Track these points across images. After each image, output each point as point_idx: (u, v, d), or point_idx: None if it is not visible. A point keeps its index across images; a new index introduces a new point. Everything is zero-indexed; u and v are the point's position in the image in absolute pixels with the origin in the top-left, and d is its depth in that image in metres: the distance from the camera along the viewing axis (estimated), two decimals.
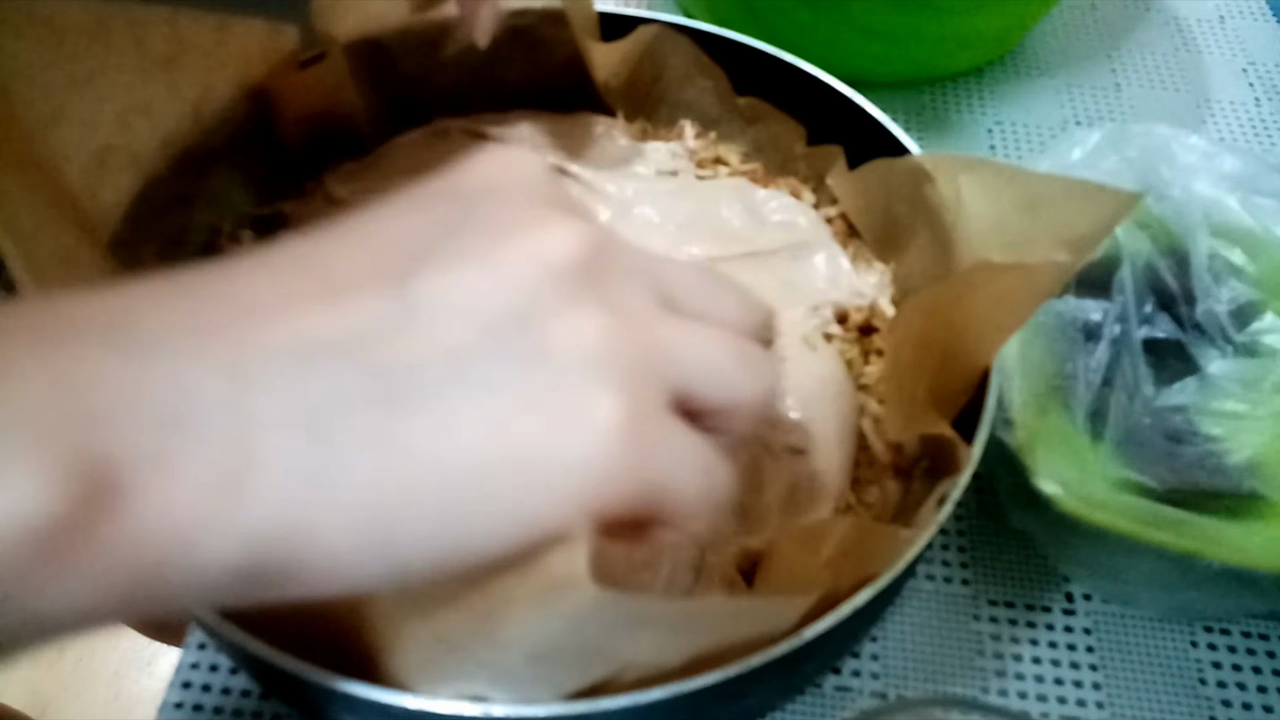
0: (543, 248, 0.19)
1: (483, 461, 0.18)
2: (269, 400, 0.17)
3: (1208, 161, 0.45)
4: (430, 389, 0.18)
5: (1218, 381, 0.40)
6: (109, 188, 0.38)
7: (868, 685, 0.37)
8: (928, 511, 0.32)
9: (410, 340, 0.18)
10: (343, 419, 0.17)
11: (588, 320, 0.19)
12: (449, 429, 0.18)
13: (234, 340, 0.17)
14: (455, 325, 0.18)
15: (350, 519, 0.17)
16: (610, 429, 0.19)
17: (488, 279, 0.19)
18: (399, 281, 0.19)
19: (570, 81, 0.47)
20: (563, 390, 0.19)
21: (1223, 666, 0.38)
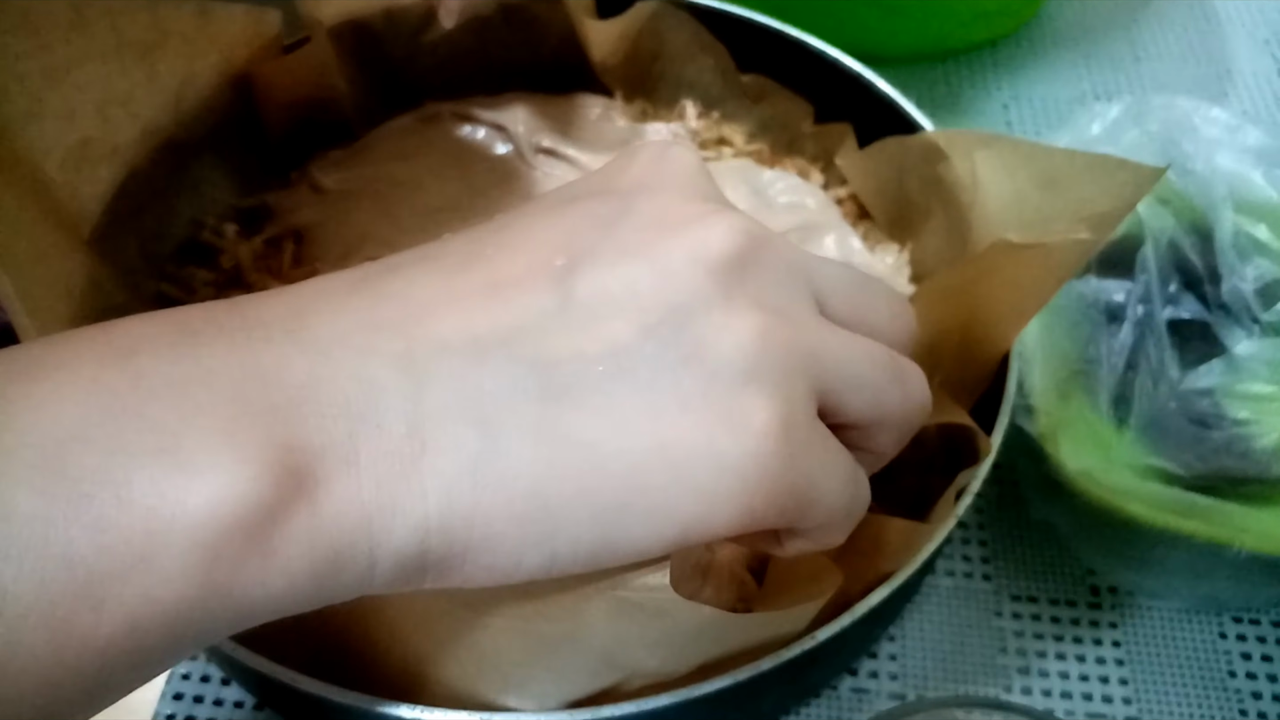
0: (700, 243, 0.20)
1: (640, 458, 0.18)
2: (441, 392, 0.18)
3: (1230, 135, 0.43)
4: (591, 384, 0.18)
5: (1245, 363, 0.38)
6: (89, 181, 0.37)
7: (885, 686, 0.36)
8: (945, 505, 0.30)
9: (572, 335, 0.18)
10: (509, 411, 0.18)
11: (743, 320, 0.19)
12: (610, 423, 0.18)
13: (406, 336, 0.18)
14: (616, 321, 0.19)
15: (514, 509, 0.18)
16: (763, 433, 0.19)
17: (647, 275, 0.19)
18: (560, 278, 0.19)
19: (565, 61, 0.46)
20: (718, 391, 0.19)
21: (1253, 658, 0.37)
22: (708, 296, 0.19)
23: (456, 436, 0.17)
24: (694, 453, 0.18)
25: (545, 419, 0.18)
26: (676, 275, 0.19)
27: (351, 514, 0.17)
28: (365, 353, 0.18)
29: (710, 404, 0.19)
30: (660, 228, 0.20)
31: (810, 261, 0.22)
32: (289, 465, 0.16)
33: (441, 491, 0.17)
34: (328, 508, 0.16)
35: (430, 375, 0.18)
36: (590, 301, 0.19)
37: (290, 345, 0.17)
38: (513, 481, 0.18)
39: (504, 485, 0.18)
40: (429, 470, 0.17)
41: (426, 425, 0.17)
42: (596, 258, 0.19)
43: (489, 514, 0.18)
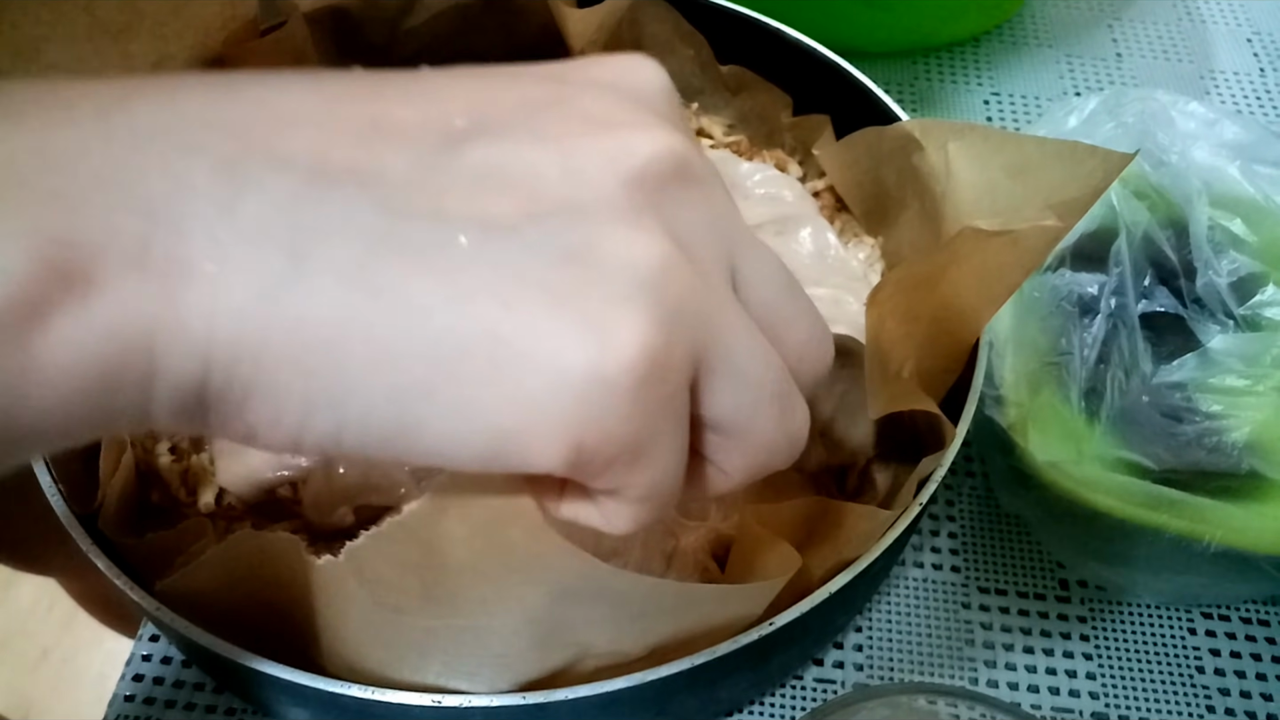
0: (626, 150, 0.17)
1: (464, 341, 0.16)
2: (260, 208, 0.15)
3: (1208, 129, 0.43)
4: (442, 246, 0.16)
5: (1218, 357, 0.38)
6: None
7: (851, 677, 0.36)
8: (907, 491, 0.30)
9: (443, 196, 0.16)
10: (332, 248, 0.15)
11: (648, 240, 0.17)
12: (444, 292, 0.16)
13: (243, 141, 0.16)
14: (500, 198, 0.16)
15: (305, 359, 0.16)
16: (630, 360, 0.16)
17: (554, 166, 0.17)
18: (453, 139, 0.17)
19: (544, 51, 0.46)
20: (594, 297, 0.16)
21: (1221, 654, 0.37)
22: (615, 206, 0.17)
23: (262, 260, 0.15)
24: (533, 356, 0.16)
25: (369, 266, 0.15)
26: (588, 176, 0.17)
27: (129, 324, 0.15)
28: (187, 150, 0.15)
29: (579, 308, 0.16)
30: (589, 124, 0.18)
31: (745, 235, 0.19)
32: (56, 259, 0.14)
33: (231, 316, 0.15)
34: (101, 313, 0.15)
35: (254, 186, 0.15)
36: (477, 172, 0.17)
37: (97, 129, 0.15)
38: (310, 326, 0.15)
39: (299, 328, 0.15)
40: (223, 289, 0.15)
41: (232, 240, 0.15)
42: (505, 132, 0.17)
43: (277, 355, 0.16)
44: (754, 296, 0.19)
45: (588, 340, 0.16)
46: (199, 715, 0.34)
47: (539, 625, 0.26)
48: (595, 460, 0.17)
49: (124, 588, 0.28)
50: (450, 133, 0.17)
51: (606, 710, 0.29)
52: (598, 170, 0.17)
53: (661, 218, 0.17)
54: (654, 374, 0.16)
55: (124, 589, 0.28)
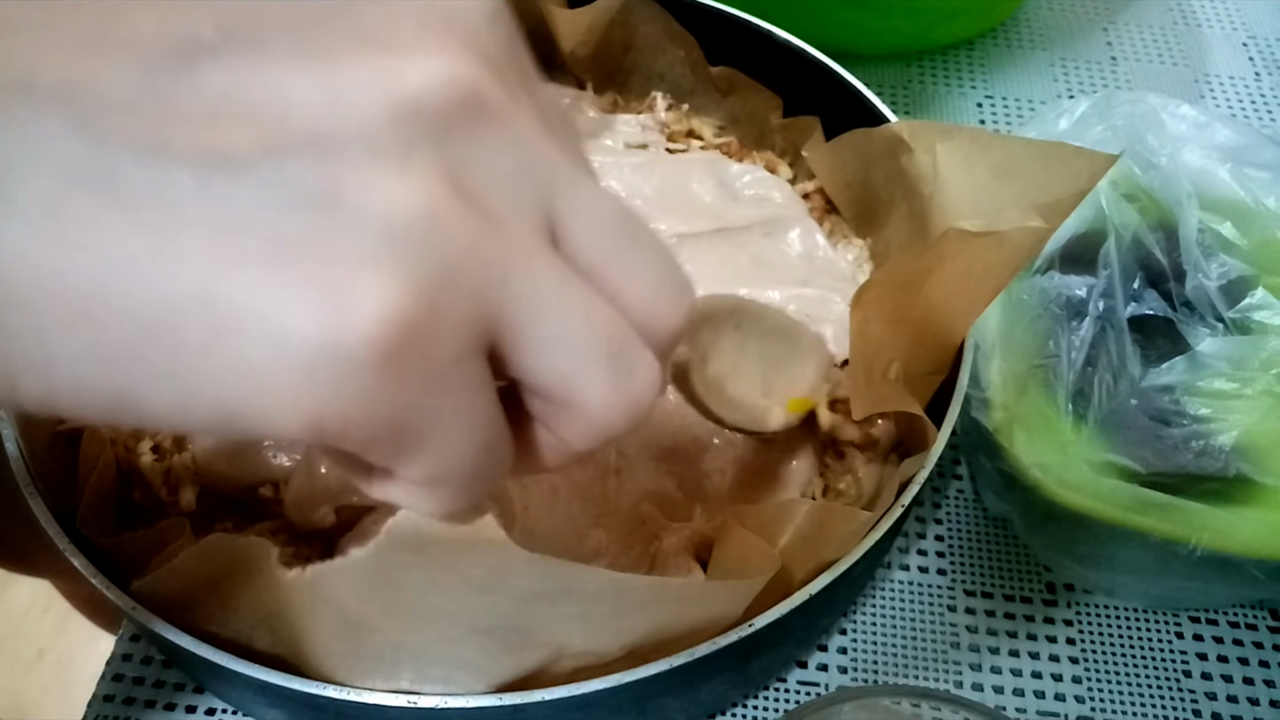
0: (399, 76, 0.15)
1: (172, 302, 0.13)
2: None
3: (1198, 131, 0.43)
4: (155, 187, 0.13)
5: (1207, 360, 0.38)
6: None
7: (836, 680, 0.35)
8: (889, 493, 0.30)
9: (165, 124, 0.14)
10: (23, 185, 0.13)
11: (414, 185, 0.14)
12: (153, 245, 0.13)
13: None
14: (237, 130, 0.14)
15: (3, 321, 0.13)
16: (367, 328, 0.14)
17: (309, 91, 0.14)
18: (192, 53, 0.14)
19: (536, 51, 0.45)
20: (331, 250, 0.14)
21: (1208, 658, 0.37)
22: (376, 143, 0.14)
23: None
24: (253, 319, 0.13)
25: (67, 210, 0.13)
26: (350, 106, 0.14)
27: None
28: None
29: (311, 263, 0.14)
30: (364, 43, 0.15)
31: (565, 177, 0.17)
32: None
33: None
34: None
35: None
36: (217, 95, 0.14)
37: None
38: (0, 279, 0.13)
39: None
40: None
41: None
42: (256, 46, 0.14)
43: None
44: (580, 244, 0.17)
45: (318, 306, 0.14)
46: (179, 715, 0.34)
47: (509, 631, 0.26)
48: (346, 441, 0.15)
49: (101, 587, 0.28)
50: (191, 44, 0.14)
51: (586, 711, 0.28)
52: (364, 99, 0.14)
53: (440, 159, 0.15)
54: (409, 345, 0.14)
55: (101, 588, 0.28)
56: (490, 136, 0.15)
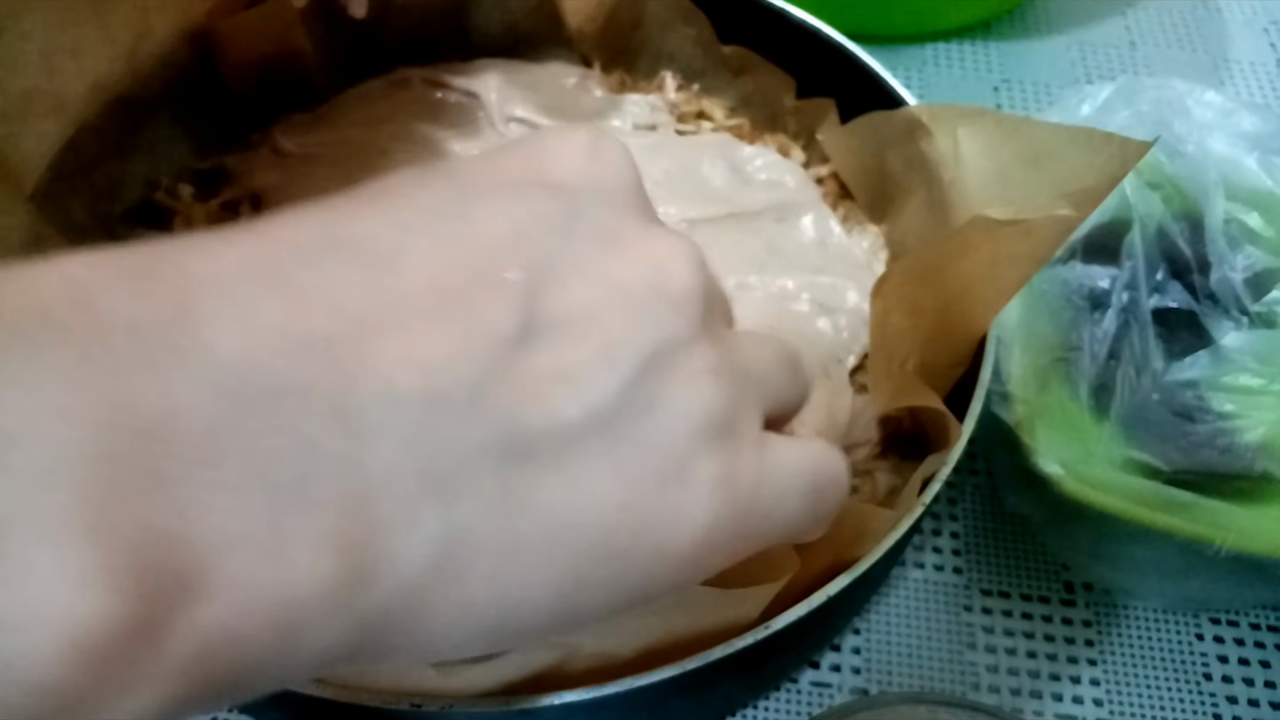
0: (662, 273, 0.17)
1: (608, 525, 0.16)
2: (390, 454, 0.14)
3: (1224, 119, 0.42)
4: (561, 442, 0.15)
5: (1232, 355, 0.37)
6: (32, 135, 0.35)
7: (849, 681, 0.35)
8: (910, 492, 0.29)
9: (539, 380, 0.15)
10: (470, 479, 0.14)
11: (702, 367, 0.17)
12: (579, 489, 0.15)
13: (339, 369, 0.14)
14: (586, 363, 0.16)
15: (470, 598, 0.15)
16: (717, 484, 0.17)
17: (611, 303, 0.16)
18: (519, 298, 0.15)
19: (541, 28, 0.44)
20: (676, 446, 0.16)
21: (1229, 660, 0.36)
22: (671, 336, 0.17)
23: (411, 515, 0.14)
24: (653, 513, 0.16)
25: (510, 488, 0.15)
26: (640, 306, 0.16)
27: (264, 618, 0.13)
28: (288, 394, 0.13)
29: (669, 459, 0.16)
30: (615, 244, 0.17)
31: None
32: (166, 564, 0.12)
33: (394, 583, 0.14)
34: (224, 613, 0.12)
35: (375, 430, 0.14)
36: (551, 328, 0.16)
37: (174, 374, 0.12)
38: (474, 568, 0.15)
39: (463, 574, 0.15)
40: (379, 556, 0.14)
41: (373, 500, 0.13)
42: (552, 273, 0.16)
43: (440, 608, 0.15)
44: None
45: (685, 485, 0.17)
46: None
47: None
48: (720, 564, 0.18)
49: None
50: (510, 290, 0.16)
51: (597, 714, 0.27)
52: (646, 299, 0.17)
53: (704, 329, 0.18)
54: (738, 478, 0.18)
55: None
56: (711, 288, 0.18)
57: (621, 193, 0.18)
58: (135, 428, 0.12)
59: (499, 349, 0.15)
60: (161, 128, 0.40)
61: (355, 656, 0.15)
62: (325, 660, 0.14)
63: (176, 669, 0.12)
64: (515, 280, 0.15)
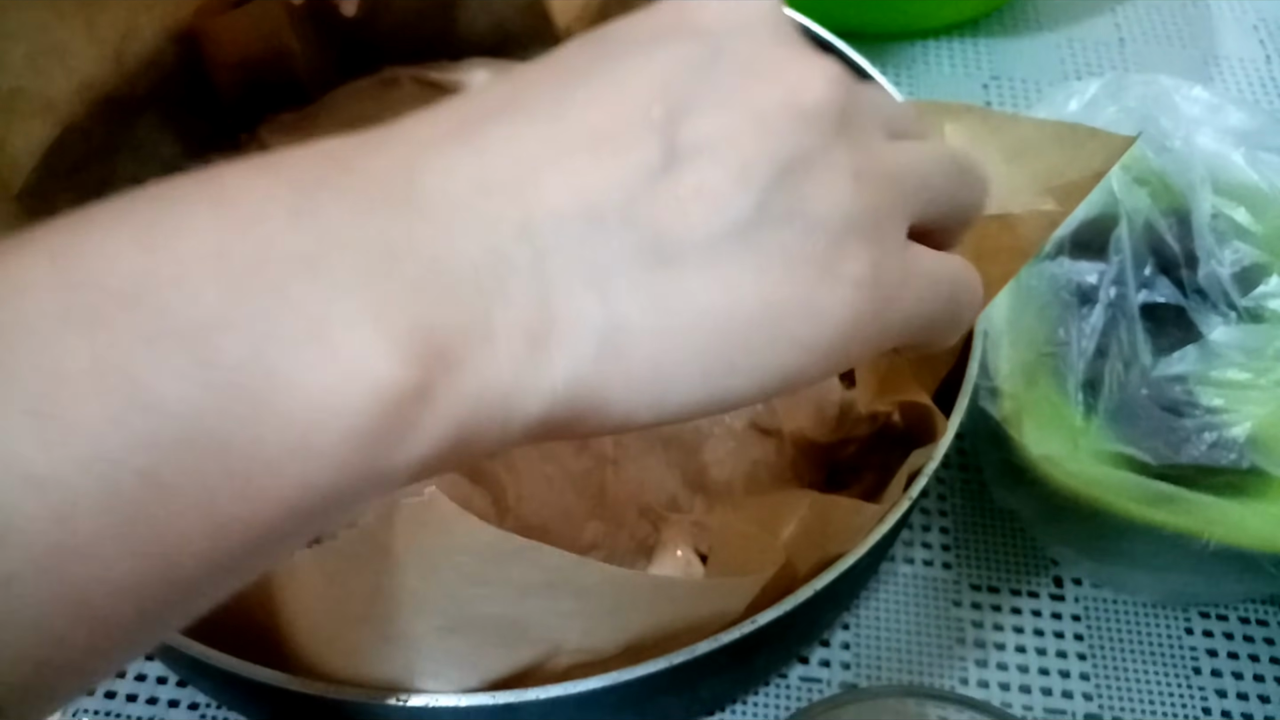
0: (794, 91, 0.19)
1: (747, 317, 0.18)
2: (563, 263, 0.17)
3: (1212, 115, 0.42)
4: (701, 246, 0.18)
5: (1220, 349, 0.37)
6: (19, 134, 0.35)
7: (838, 676, 0.35)
8: (896, 486, 0.29)
9: (680, 197, 0.18)
10: (626, 279, 0.18)
11: (838, 173, 0.19)
12: (719, 285, 0.18)
13: (522, 202, 0.18)
14: (719, 177, 0.18)
15: (633, 377, 0.18)
16: (857, 285, 0.19)
17: (745, 125, 0.19)
18: (660, 130, 0.18)
19: (530, 27, 0.44)
20: (816, 247, 0.19)
21: (1219, 654, 0.36)
22: (805, 149, 0.19)
23: (579, 309, 0.18)
24: (795, 308, 0.19)
25: (658, 285, 0.18)
26: (773, 125, 0.19)
27: (491, 390, 0.17)
28: (487, 222, 0.17)
29: (809, 260, 0.19)
30: (753, 73, 0.19)
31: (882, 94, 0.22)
32: (434, 346, 0.16)
33: (569, 366, 0.18)
34: (471, 385, 0.17)
35: (550, 245, 0.17)
36: (692, 154, 0.18)
37: (412, 212, 0.17)
38: (633, 350, 0.18)
39: (624, 354, 0.18)
40: (556, 345, 0.17)
41: (552, 299, 0.17)
42: (692, 106, 0.18)
43: (610, 382, 0.18)
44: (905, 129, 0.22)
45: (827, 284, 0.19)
46: (161, 709, 0.33)
47: (503, 625, 0.25)
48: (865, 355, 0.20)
49: None
50: (653, 124, 0.18)
51: (583, 710, 0.27)
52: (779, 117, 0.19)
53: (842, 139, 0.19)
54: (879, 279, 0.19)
55: None
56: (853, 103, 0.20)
57: (761, 25, 0.20)
58: (394, 251, 0.16)
59: (645, 175, 0.18)
60: (149, 127, 0.40)
61: (547, 431, 0.18)
62: (533, 428, 0.18)
63: (441, 425, 0.16)
64: (657, 116, 0.18)
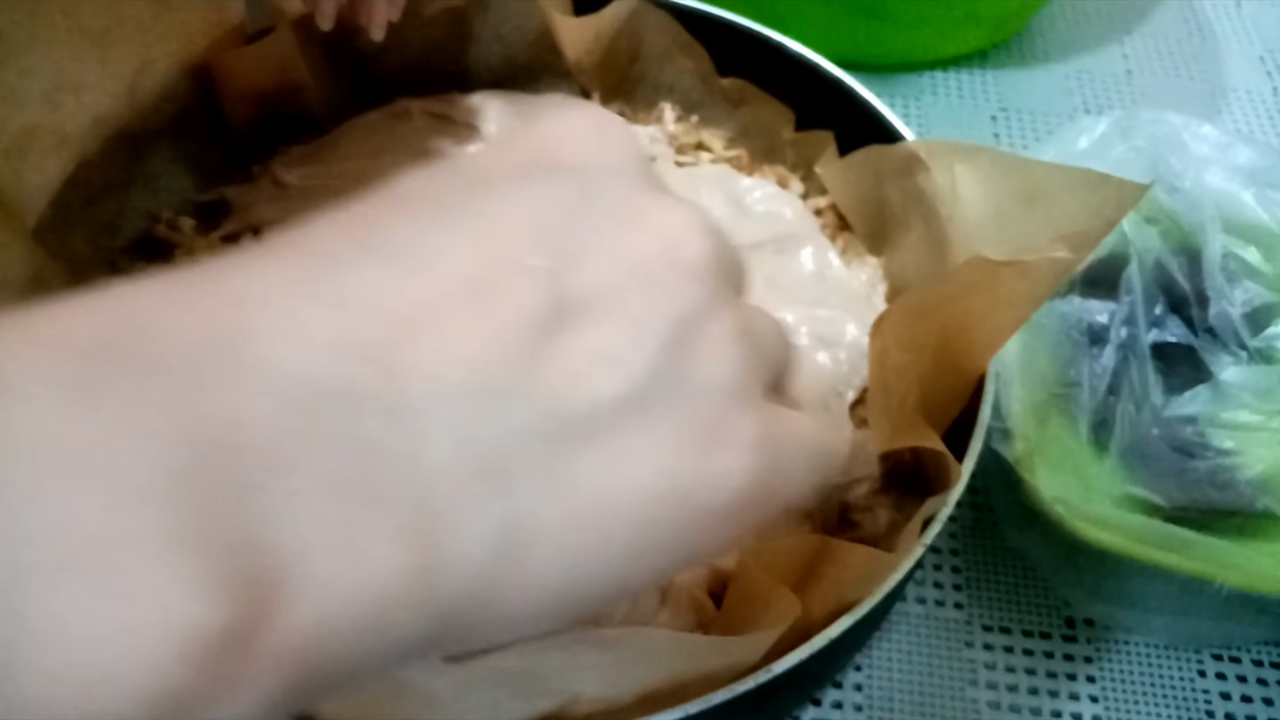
0: (675, 244, 0.18)
1: (649, 493, 0.16)
2: (444, 447, 0.15)
3: (1221, 153, 0.42)
4: (601, 419, 0.16)
5: (1231, 390, 0.37)
6: (34, 170, 0.35)
7: (850, 717, 0.34)
8: (910, 534, 0.29)
9: (573, 360, 0.16)
10: (525, 462, 0.15)
11: (725, 335, 0.17)
12: (625, 462, 0.16)
13: (388, 371, 0.15)
14: (617, 344, 0.16)
15: (535, 575, 0.16)
16: (750, 447, 0.17)
17: (631, 279, 0.17)
18: (545, 283, 0.16)
19: (540, 60, 0.44)
20: (708, 413, 0.17)
21: (1232, 697, 0.36)
22: (691, 308, 0.17)
23: (471, 502, 0.15)
24: (694, 478, 0.17)
25: (559, 468, 0.16)
26: (659, 281, 0.17)
27: (346, 616, 0.14)
28: (344, 399, 0.14)
29: (702, 426, 0.17)
30: (628, 221, 0.18)
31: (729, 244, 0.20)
32: (257, 570, 0.13)
33: (460, 569, 0.15)
34: (312, 614, 0.13)
35: (428, 425, 0.15)
36: (581, 310, 0.16)
37: (236, 391, 0.13)
38: (536, 547, 0.15)
39: (527, 554, 0.15)
40: (447, 548, 0.14)
41: (435, 492, 0.14)
42: (574, 255, 0.17)
43: (509, 588, 0.15)
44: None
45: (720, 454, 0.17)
46: None
47: (521, 677, 0.25)
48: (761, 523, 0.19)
49: None
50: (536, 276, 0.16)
51: None
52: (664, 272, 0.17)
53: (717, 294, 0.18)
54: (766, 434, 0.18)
55: None
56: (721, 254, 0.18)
57: (628, 168, 0.19)
58: (212, 442, 0.13)
59: (532, 333, 0.16)
60: (162, 161, 0.40)
61: (437, 644, 0.15)
62: (408, 649, 0.15)
63: (274, 667, 0.13)
64: (538, 266, 0.16)
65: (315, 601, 0.13)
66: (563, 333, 0.16)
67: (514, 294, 0.16)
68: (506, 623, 0.16)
